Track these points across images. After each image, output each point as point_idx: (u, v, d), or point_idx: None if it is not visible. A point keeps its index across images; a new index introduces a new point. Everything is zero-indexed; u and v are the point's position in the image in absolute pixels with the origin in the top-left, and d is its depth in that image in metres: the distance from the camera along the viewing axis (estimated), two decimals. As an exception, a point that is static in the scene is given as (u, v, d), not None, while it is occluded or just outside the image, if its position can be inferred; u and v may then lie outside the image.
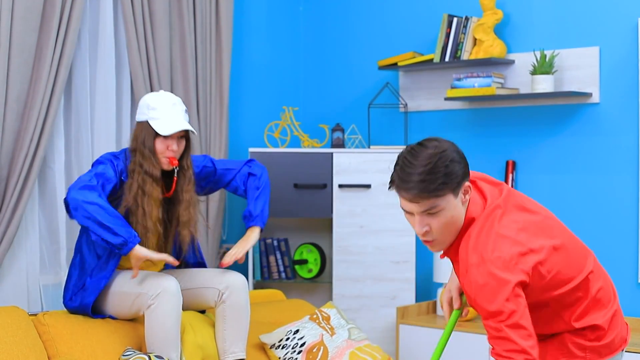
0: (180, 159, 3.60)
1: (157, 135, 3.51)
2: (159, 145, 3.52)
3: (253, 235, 3.70)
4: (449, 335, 2.61)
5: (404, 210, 2.39)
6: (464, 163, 2.38)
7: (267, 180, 3.80)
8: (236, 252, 3.64)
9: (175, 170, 3.60)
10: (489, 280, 2.30)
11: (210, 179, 3.80)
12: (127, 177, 3.52)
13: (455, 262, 2.51)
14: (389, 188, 2.40)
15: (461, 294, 2.65)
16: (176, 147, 3.53)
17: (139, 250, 3.39)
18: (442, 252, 2.52)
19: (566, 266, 2.44)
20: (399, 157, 2.38)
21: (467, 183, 2.39)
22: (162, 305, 3.39)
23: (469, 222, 2.41)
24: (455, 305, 2.63)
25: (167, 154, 3.53)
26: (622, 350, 2.60)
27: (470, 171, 2.45)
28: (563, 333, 2.52)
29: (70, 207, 3.34)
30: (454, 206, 2.36)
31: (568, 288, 2.45)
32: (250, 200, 3.74)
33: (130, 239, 3.35)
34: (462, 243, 2.40)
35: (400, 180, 2.34)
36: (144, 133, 3.52)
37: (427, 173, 2.31)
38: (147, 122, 3.52)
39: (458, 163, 2.35)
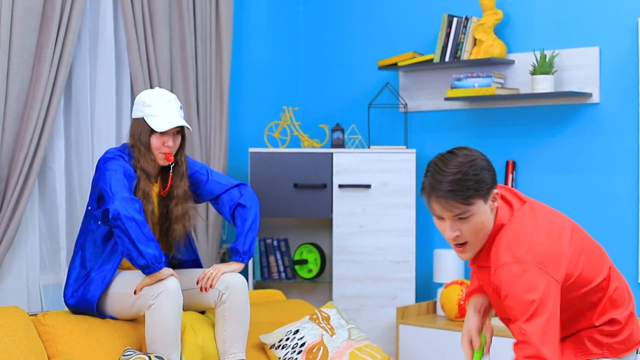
0: (175, 155, 3.63)
1: (152, 131, 3.54)
2: (155, 141, 3.55)
3: (234, 267, 3.71)
4: None
5: (435, 216, 2.47)
6: (492, 171, 2.47)
7: (257, 212, 3.79)
8: (212, 274, 3.64)
9: (171, 166, 3.62)
10: (520, 279, 2.36)
11: (199, 186, 3.80)
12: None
13: (484, 268, 2.56)
14: (421, 195, 2.49)
15: (480, 332, 2.70)
16: (172, 143, 3.57)
17: (160, 272, 3.43)
18: (470, 259, 2.59)
19: (588, 265, 2.52)
20: (429, 164, 2.47)
21: (495, 190, 2.47)
22: (163, 305, 3.39)
23: (498, 227, 2.49)
24: (475, 345, 2.68)
25: (162, 150, 3.56)
26: (636, 351, 2.65)
27: None
28: (580, 331, 2.58)
29: (110, 217, 3.35)
30: (484, 212, 2.44)
31: (590, 287, 2.52)
32: (240, 235, 3.75)
33: (154, 264, 3.38)
34: (493, 247, 2.47)
35: (431, 187, 2.43)
36: (140, 129, 3.56)
37: (459, 180, 2.39)
38: (142, 118, 3.56)
39: (488, 171, 2.44)
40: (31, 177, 3.81)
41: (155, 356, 3.33)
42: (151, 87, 4.33)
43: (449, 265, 4.59)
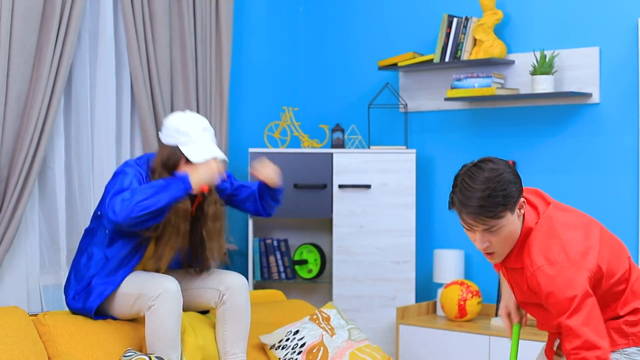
0: None
1: (187, 160, 3.46)
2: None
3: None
4: (517, 349, 2.80)
5: (465, 227, 2.57)
6: (519, 182, 2.55)
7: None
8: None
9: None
10: (558, 278, 2.47)
11: (226, 192, 3.78)
12: None
13: (513, 270, 2.66)
14: (449, 209, 2.58)
15: (518, 307, 2.84)
16: None
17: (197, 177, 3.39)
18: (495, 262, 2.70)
19: (613, 258, 2.62)
20: (456, 178, 2.55)
21: (522, 200, 2.56)
22: (163, 306, 3.39)
23: (526, 231, 2.59)
24: (515, 319, 2.83)
25: None
26: None
27: None
28: (605, 322, 2.66)
29: (115, 224, 3.31)
30: (512, 222, 2.54)
31: (615, 279, 2.62)
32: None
33: (183, 178, 3.33)
34: (525, 251, 2.58)
35: (460, 203, 2.52)
36: (174, 158, 3.47)
37: (487, 197, 2.49)
38: (177, 147, 3.47)
39: (514, 184, 2.53)
40: (31, 177, 3.81)
41: (156, 357, 3.33)
42: (151, 88, 4.33)
43: (449, 265, 4.59)
